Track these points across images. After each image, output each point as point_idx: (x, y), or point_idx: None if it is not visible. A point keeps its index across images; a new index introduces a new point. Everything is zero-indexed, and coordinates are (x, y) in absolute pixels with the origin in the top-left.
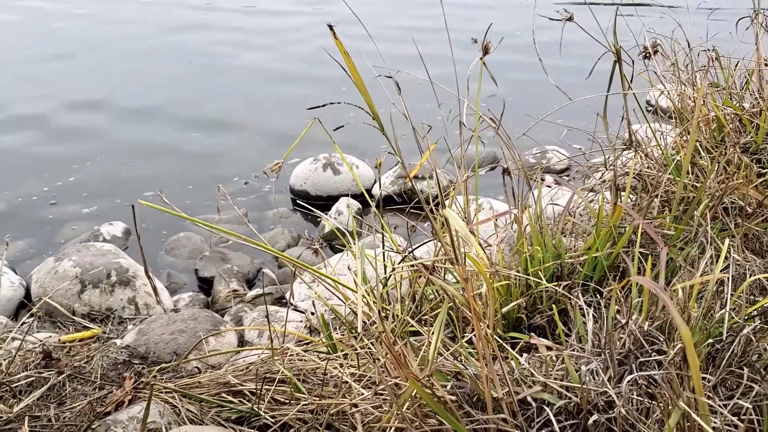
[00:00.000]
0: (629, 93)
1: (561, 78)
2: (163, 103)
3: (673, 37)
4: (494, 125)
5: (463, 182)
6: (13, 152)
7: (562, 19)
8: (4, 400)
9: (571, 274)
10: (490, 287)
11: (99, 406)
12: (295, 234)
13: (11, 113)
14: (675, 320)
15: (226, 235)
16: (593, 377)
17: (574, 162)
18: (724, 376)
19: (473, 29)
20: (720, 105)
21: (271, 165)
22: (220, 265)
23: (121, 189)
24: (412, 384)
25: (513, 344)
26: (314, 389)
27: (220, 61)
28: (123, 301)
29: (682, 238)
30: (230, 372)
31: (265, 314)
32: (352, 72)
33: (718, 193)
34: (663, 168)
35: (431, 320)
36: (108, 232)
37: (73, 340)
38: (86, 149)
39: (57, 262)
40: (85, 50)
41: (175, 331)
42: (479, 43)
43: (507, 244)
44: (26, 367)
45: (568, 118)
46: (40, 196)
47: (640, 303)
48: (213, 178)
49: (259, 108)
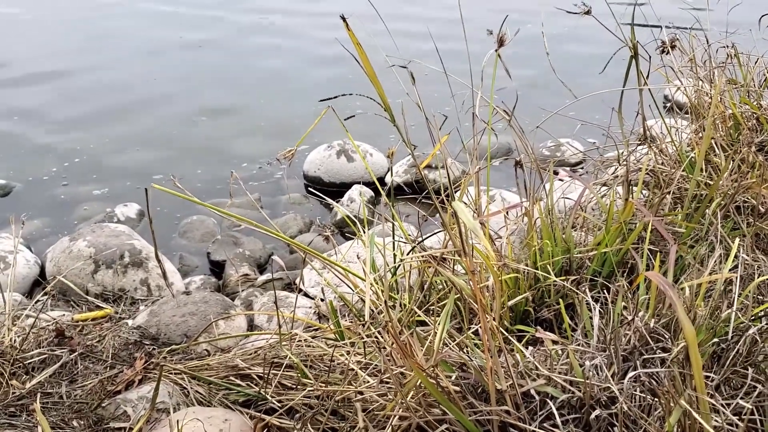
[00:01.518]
0: (645, 88)
1: (577, 71)
2: (178, 88)
3: (692, 33)
4: (507, 116)
5: (475, 173)
6: (23, 134)
7: (579, 12)
8: (17, 376)
9: (580, 269)
10: (497, 280)
11: (109, 384)
12: (308, 220)
13: (20, 90)
14: (679, 317)
15: (237, 220)
16: (597, 372)
17: (587, 156)
18: (729, 375)
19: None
20: (737, 103)
21: (284, 152)
22: (232, 249)
23: (132, 172)
24: (416, 374)
25: (520, 337)
26: (321, 375)
27: (234, 48)
28: (135, 282)
29: (693, 236)
30: (239, 355)
31: (275, 299)
32: (364, 62)
33: (731, 192)
34: (676, 165)
35: (439, 311)
36: (122, 213)
37: (86, 319)
38: (96, 132)
39: (72, 241)
40: (104, 36)
41: (186, 313)
42: (494, 35)
43: (518, 236)
44: (39, 345)
45: (583, 112)
46: (50, 176)
47: (647, 300)
48: (226, 162)
49: (274, 94)
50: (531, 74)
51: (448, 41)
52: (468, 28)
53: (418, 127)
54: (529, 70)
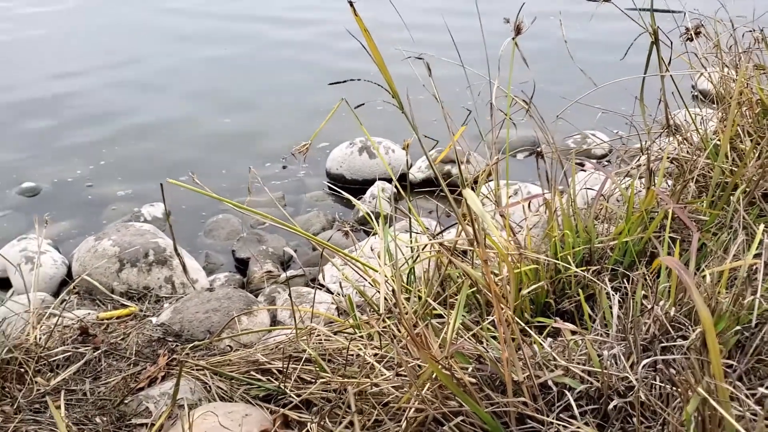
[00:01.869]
0: (667, 76)
1: (597, 60)
2: (201, 86)
3: (717, 17)
4: (525, 106)
5: (493, 165)
6: (45, 134)
7: (599, 0)
8: (42, 373)
9: (601, 259)
10: (510, 269)
11: (132, 381)
12: (330, 217)
13: (42, 94)
14: (695, 302)
15: (260, 218)
16: (615, 362)
17: (612, 147)
18: (753, 364)
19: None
20: (765, 88)
21: (299, 147)
22: (256, 246)
23: (158, 172)
24: (431, 365)
25: (541, 329)
26: (338, 369)
27: (257, 46)
28: (160, 279)
29: (717, 224)
30: (260, 350)
31: (298, 295)
32: (371, 48)
33: (756, 178)
34: (700, 152)
35: (456, 303)
36: (149, 212)
37: (111, 318)
38: (116, 131)
39: (97, 241)
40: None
41: (209, 309)
42: (511, 23)
43: (540, 228)
44: (64, 342)
45: (606, 102)
46: (77, 178)
47: (668, 288)
48: (251, 162)
49: (298, 92)
50: (550, 65)
51: (464, 33)
52: (484, 21)
53: (440, 122)
54: (548, 62)
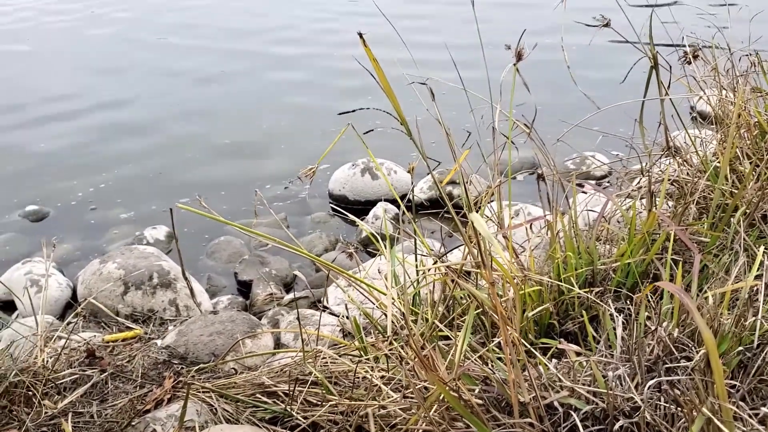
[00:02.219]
0: (666, 98)
1: (597, 83)
2: (200, 107)
3: (714, 42)
4: (527, 130)
5: (496, 187)
6: (45, 156)
7: (598, 24)
8: (49, 396)
9: (604, 281)
10: (516, 291)
11: (139, 404)
12: (333, 238)
13: (39, 114)
14: (697, 323)
15: (263, 239)
16: (620, 383)
17: (612, 169)
18: (755, 384)
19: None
20: (762, 111)
21: (305, 170)
22: (258, 268)
23: (158, 195)
24: (438, 387)
25: (545, 350)
26: (345, 391)
27: (256, 65)
28: (164, 302)
29: (718, 245)
30: (265, 373)
31: (302, 317)
32: (380, 78)
33: (756, 200)
34: (701, 174)
35: (462, 324)
36: (151, 235)
37: (116, 340)
38: (120, 158)
39: (102, 264)
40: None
41: (214, 332)
42: (512, 49)
43: (542, 249)
44: (71, 365)
45: (606, 124)
46: (79, 201)
47: (671, 309)
48: (251, 183)
49: (299, 113)
50: (551, 88)
51: (466, 57)
52: (486, 46)
53: (440, 144)
54: (549, 85)
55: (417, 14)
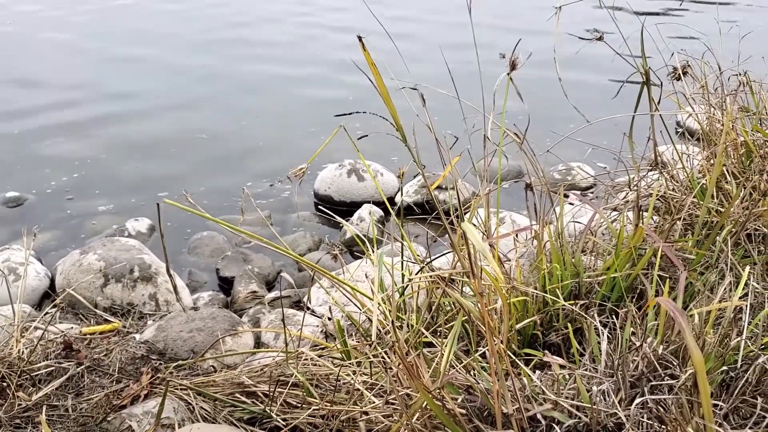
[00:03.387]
0: (656, 114)
1: (589, 96)
2: (187, 100)
3: (703, 60)
4: (518, 140)
5: (485, 195)
6: (32, 147)
7: (591, 38)
8: (23, 388)
9: (589, 294)
10: (505, 303)
11: (115, 399)
12: (317, 238)
13: (22, 105)
14: (688, 344)
15: (247, 237)
16: (604, 398)
17: (598, 180)
18: (738, 404)
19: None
20: (749, 130)
21: (295, 170)
22: (241, 265)
23: (140, 187)
24: (422, 395)
25: (527, 361)
26: (326, 395)
27: (241, 68)
28: (144, 296)
29: (703, 263)
30: (245, 372)
31: (282, 317)
32: (378, 83)
33: (742, 219)
34: (687, 191)
35: (446, 332)
36: (133, 227)
37: (94, 333)
38: (101, 147)
39: (82, 255)
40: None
41: (194, 329)
42: (507, 58)
43: (527, 259)
44: (47, 357)
45: (594, 137)
46: (59, 190)
47: (656, 326)
48: (234, 179)
49: (285, 110)
50: (542, 98)
51: (460, 64)
52: (480, 52)
53: (428, 148)
54: (541, 95)
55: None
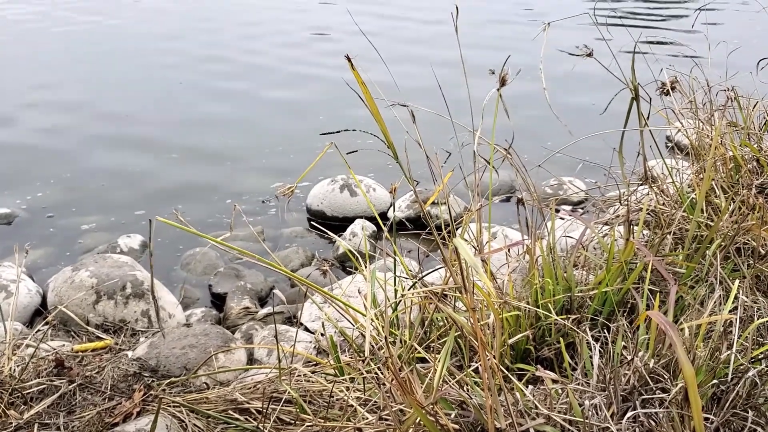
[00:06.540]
0: (646, 129)
1: (579, 111)
2: (175, 114)
3: (692, 75)
4: (507, 155)
5: (476, 210)
6: (26, 164)
7: (581, 54)
8: (15, 406)
9: (581, 308)
10: (497, 318)
11: (108, 416)
12: (309, 254)
13: (19, 120)
14: (679, 358)
15: (239, 253)
16: (596, 412)
17: (589, 195)
18: (728, 417)
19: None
20: (737, 145)
21: (284, 189)
22: (233, 281)
23: (132, 205)
24: (416, 411)
25: (520, 375)
26: (320, 411)
27: (236, 85)
28: (136, 313)
29: (693, 277)
30: (238, 389)
31: (275, 333)
32: (368, 101)
33: (731, 233)
34: (677, 205)
35: (439, 347)
36: (125, 244)
37: (86, 350)
38: (94, 165)
39: (74, 271)
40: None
41: (186, 345)
42: (496, 74)
43: (519, 274)
44: (38, 375)
45: (585, 152)
46: (52, 206)
47: (647, 340)
48: (227, 195)
49: (279, 125)
50: (532, 114)
51: (450, 80)
52: (469, 68)
53: (418, 164)
54: (531, 110)
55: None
